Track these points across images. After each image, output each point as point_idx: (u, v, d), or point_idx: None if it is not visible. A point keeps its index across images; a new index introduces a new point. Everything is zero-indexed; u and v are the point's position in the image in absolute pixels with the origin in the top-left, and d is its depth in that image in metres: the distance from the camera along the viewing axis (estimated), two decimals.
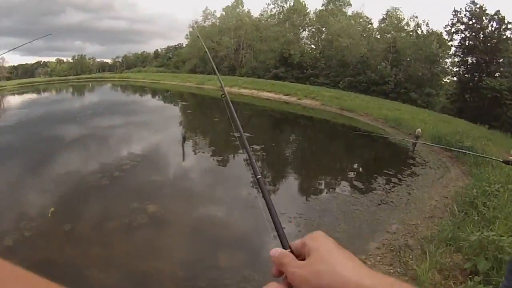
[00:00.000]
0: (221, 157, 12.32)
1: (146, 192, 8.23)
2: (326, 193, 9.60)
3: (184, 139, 12.94)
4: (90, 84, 51.88)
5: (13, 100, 31.57)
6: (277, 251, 0.65)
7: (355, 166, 13.82)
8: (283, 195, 9.27)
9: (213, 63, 2.04)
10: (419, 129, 15.28)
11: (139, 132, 14.99)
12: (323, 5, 56.26)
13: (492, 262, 4.72)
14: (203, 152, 12.70)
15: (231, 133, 15.95)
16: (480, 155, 10.21)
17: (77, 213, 7.21)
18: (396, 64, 42.80)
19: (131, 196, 7.93)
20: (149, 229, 6.66)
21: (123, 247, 6.08)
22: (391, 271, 5.39)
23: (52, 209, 6.82)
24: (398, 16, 49.05)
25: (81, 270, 5.29)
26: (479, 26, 40.10)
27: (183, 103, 29.10)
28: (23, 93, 37.55)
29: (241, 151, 11.82)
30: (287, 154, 14.86)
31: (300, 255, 0.62)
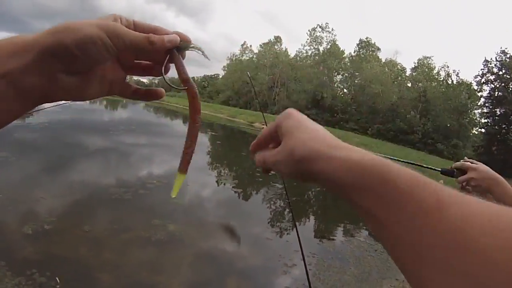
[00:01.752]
0: (245, 190, 12.42)
1: (168, 212, 8.36)
2: (342, 236, 9.56)
3: None
4: (124, 101, 52.56)
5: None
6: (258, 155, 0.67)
7: None
8: (302, 234, 9.27)
9: (258, 100, 2.14)
10: (441, 181, 15.13)
11: (166, 155, 15.21)
12: (355, 50, 56.80)
13: None
14: (226, 183, 12.83)
15: (257, 168, 16.09)
16: (418, 164, 10.15)
17: (98, 218, 7.40)
18: (425, 114, 42.62)
19: (153, 213, 8.10)
20: (165, 245, 6.78)
21: (136, 258, 6.23)
22: None
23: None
24: (430, 65, 49.02)
25: (91, 272, 5.51)
26: (509, 77, 39.70)
27: (213, 133, 29.27)
28: None
29: (265, 186, 12.14)
30: (310, 194, 14.82)
31: (277, 140, 0.60)
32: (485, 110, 42.50)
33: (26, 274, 4.98)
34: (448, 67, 47.58)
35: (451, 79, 45.62)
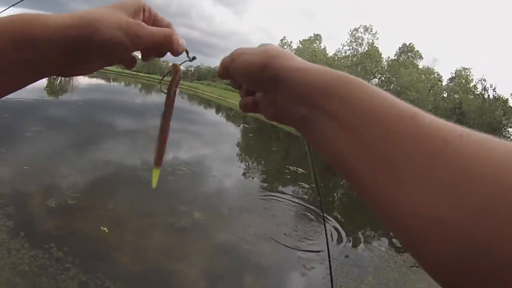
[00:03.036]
0: (272, 186, 12.43)
1: (195, 200, 8.44)
2: (364, 243, 9.49)
3: None
4: (159, 86, 53.35)
5: (85, 81, 32.94)
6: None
7: None
8: (324, 237, 9.21)
9: None
10: None
11: (198, 143, 15.31)
12: (395, 54, 56.24)
13: None
14: (255, 177, 12.85)
15: (286, 166, 16.12)
16: None
17: (123, 199, 7.54)
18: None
19: (179, 200, 8.16)
20: (188, 233, 6.84)
21: (157, 242, 6.29)
22: None
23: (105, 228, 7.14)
24: (468, 76, 48.27)
25: (110, 252, 5.53)
26: None
27: (245, 125, 29.32)
28: (93, 77, 39.22)
29: (293, 184, 12.19)
30: (338, 201, 14.76)
31: None
32: None
33: (43, 248, 5.02)
34: (485, 80, 46.79)
35: (487, 93, 44.78)
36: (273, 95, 0.49)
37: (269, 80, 0.48)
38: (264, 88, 0.51)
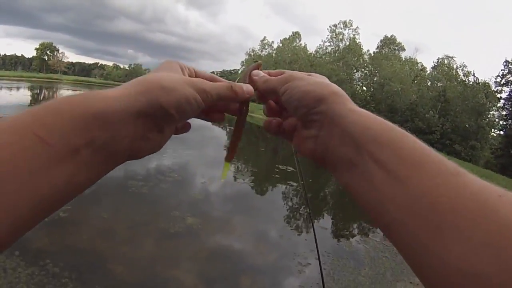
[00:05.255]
0: (262, 186, 12.49)
1: (186, 206, 8.49)
2: (358, 236, 9.58)
3: None
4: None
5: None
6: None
7: None
8: (317, 234, 9.27)
9: None
10: None
11: (185, 149, 15.26)
12: (377, 47, 56.53)
13: None
14: (245, 178, 12.88)
15: (276, 165, 16.17)
16: None
17: (114, 210, 7.62)
18: (444, 114, 42.23)
19: (171, 206, 8.20)
20: (182, 239, 6.92)
21: (152, 250, 6.32)
22: None
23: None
24: (450, 64, 48.60)
25: (106, 263, 5.55)
26: None
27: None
28: (76, 90, 38.82)
29: (282, 183, 12.27)
30: (326, 193, 14.83)
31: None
32: (504, 113, 42.02)
33: (39, 264, 5.02)
34: (466, 66, 47.15)
35: (468, 79, 45.11)
36: (317, 131, 0.49)
37: (321, 114, 0.48)
38: (311, 120, 0.50)
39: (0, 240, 0.31)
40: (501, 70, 42.03)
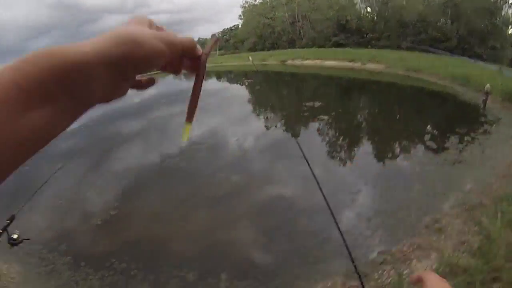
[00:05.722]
0: (295, 128, 12.55)
1: (228, 165, 8.95)
2: (400, 155, 9.60)
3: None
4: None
5: None
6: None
7: (427, 127, 13.35)
8: (360, 161, 9.28)
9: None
10: (488, 85, 14.61)
11: (209, 116, 15.13)
12: None
13: None
14: (277, 125, 12.92)
15: (303, 103, 16.05)
16: None
17: (158, 191, 7.90)
18: (457, 19, 40.57)
19: (215, 169, 8.60)
20: (231, 199, 7.16)
21: (205, 220, 6.57)
22: (466, 229, 5.41)
23: None
24: None
25: (165, 246, 5.68)
26: None
27: (248, 81, 29.07)
28: None
29: (311, 120, 12.05)
30: (359, 120, 14.76)
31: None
32: None
33: (106, 266, 5.14)
34: None
35: None
36: None
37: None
38: None
39: None
40: None
